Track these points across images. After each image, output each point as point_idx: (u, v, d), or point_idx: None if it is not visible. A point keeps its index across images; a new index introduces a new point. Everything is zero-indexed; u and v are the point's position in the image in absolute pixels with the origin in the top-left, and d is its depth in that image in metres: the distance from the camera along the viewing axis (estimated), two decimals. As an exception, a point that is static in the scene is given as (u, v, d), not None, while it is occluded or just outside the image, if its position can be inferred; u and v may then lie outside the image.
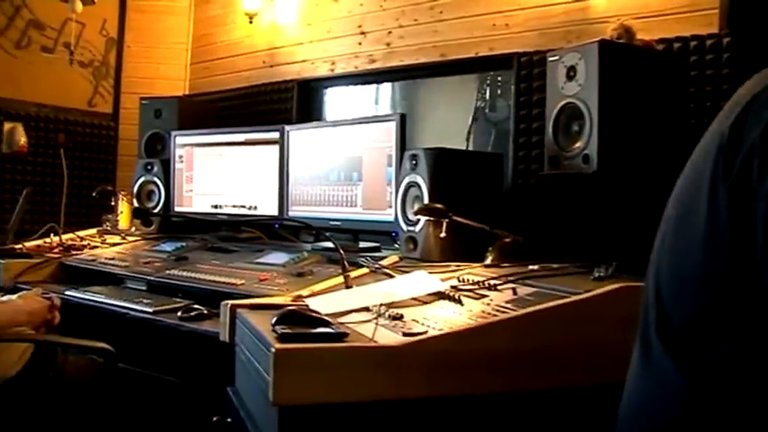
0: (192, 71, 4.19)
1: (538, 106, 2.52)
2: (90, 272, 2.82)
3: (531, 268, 1.88)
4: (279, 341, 1.29)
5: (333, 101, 3.60)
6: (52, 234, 3.18)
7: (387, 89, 3.53)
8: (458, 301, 1.64)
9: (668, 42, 2.26)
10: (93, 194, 3.48)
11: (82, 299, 2.51)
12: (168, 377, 2.25)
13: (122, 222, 3.51)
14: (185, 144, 3.35)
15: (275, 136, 3.03)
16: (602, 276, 1.69)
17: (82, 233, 3.36)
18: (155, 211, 3.36)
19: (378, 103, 3.57)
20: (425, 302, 1.68)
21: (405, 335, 1.37)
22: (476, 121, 3.09)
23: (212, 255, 2.81)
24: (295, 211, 2.92)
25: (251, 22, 3.68)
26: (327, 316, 1.50)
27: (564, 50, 2.11)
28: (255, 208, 3.11)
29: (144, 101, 3.59)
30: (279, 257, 2.57)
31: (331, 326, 1.42)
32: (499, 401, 1.35)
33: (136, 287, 2.63)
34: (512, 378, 1.36)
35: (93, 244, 3.21)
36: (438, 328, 1.43)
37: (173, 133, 3.38)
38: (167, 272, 2.60)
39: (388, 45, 3.18)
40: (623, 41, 2.13)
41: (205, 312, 2.15)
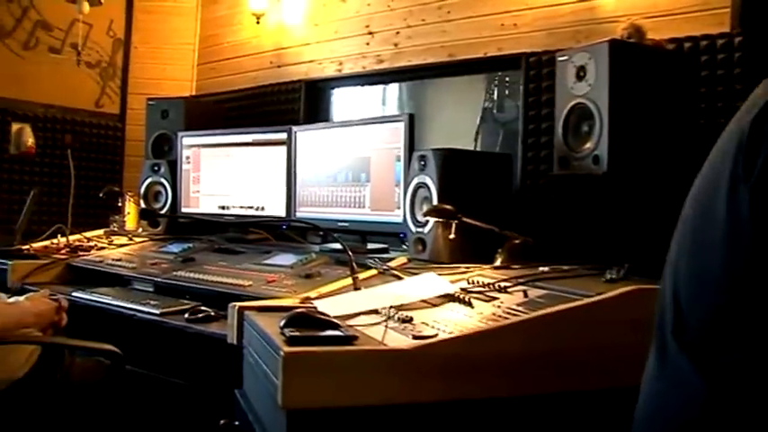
0: (199, 72, 4.19)
1: (547, 106, 2.51)
2: (97, 273, 2.82)
3: (541, 270, 1.87)
4: (287, 344, 1.28)
5: (340, 101, 3.59)
6: (59, 235, 3.19)
7: (394, 89, 3.52)
8: (468, 304, 1.62)
9: (679, 42, 2.24)
10: (101, 195, 3.50)
11: (89, 300, 2.50)
12: (175, 379, 2.24)
13: (129, 223, 3.52)
14: (192, 145, 3.34)
15: (283, 137, 3.02)
16: (614, 278, 1.67)
17: (89, 234, 3.37)
18: (162, 212, 3.35)
19: (385, 104, 3.56)
20: (435, 305, 1.67)
21: (415, 338, 1.36)
22: (484, 121, 3.08)
23: (219, 256, 2.81)
24: (303, 212, 2.91)
25: (258, 22, 3.67)
26: (336, 318, 1.49)
27: (574, 50, 2.09)
28: (263, 209, 3.10)
29: (151, 101, 3.59)
30: (286, 259, 2.56)
31: (340, 329, 1.41)
32: (511, 405, 1.34)
33: (143, 288, 2.63)
34: (523, 381, 1.35)
35: (100, 245, 3.21)
36: (448, 331, 1.42)
37: (179, 134, 3.38)
38: (174, 273, 2.60)
39: (395, 45, 3.17)
40: (634, 41, 2.11)
41: (212, 314, 2.14)
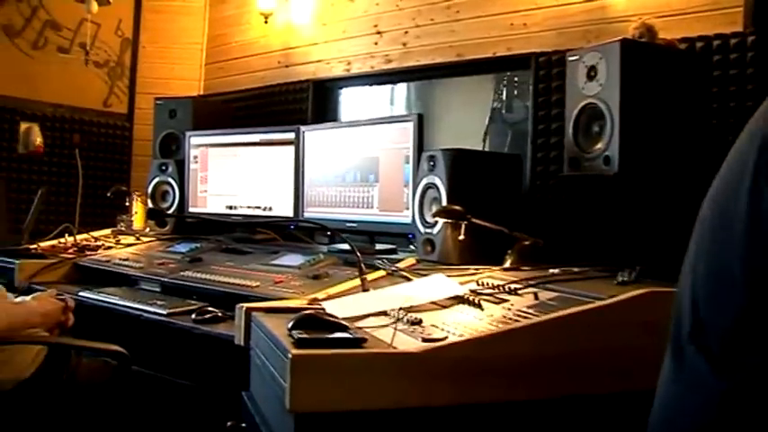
0: (207, 71, 4.18)
1: (557, 107, 2.49)
2: (104, 273, 2.82)
3: (551, 272, 1.84)
4: (296, 346, 1.27)
5: (348, 101, 3.58)
6: (67, 234, 3.19)
7: (402, 89, 3.50)
8: (478, 306, 1.60)
9: (691, 41, 2.22)
10: (108, 195, 3.50)
11: (95, 300, 2.50)
12: (182, 381, 2.23)
13: (137, 223, 3.51)
14: (200, 144, 3.33)
15: (290, 136, 3.00)
16: (626, 281, 1.65)
17: (96, 233, 3.37)
18: (169, 212, 3.35)
19: (393, 104, 3.55)
20: (444, 307, 1.65)
21: (424, 341, 1.34)
22: (492, 122, 3.06)
23: (227, 256, 2.80)
24: (310, 213, 2.89)
25: (266, 22, 3.67)
26: (344, 320, 1.48)
27: (584, 50, 2.07)
28: (270, 209, 3.09)
29: (159, 101, 3.59)
30: (294, 259, 2.55)
31: (349, 331, 1.39)
32: (522, 409, 1.32)
33: (150, 288, 2.62)
34: (535, 385, 1.33)
35: (107, 244, 3.21)
36: (458, 333, 1.40)
37: (187, 134, 3.37)
38: (181, 273, 2.59)
39: (404, 45, 3.15)
40: (645, 41, 2.09)
41: (219, 315, 2.13)
